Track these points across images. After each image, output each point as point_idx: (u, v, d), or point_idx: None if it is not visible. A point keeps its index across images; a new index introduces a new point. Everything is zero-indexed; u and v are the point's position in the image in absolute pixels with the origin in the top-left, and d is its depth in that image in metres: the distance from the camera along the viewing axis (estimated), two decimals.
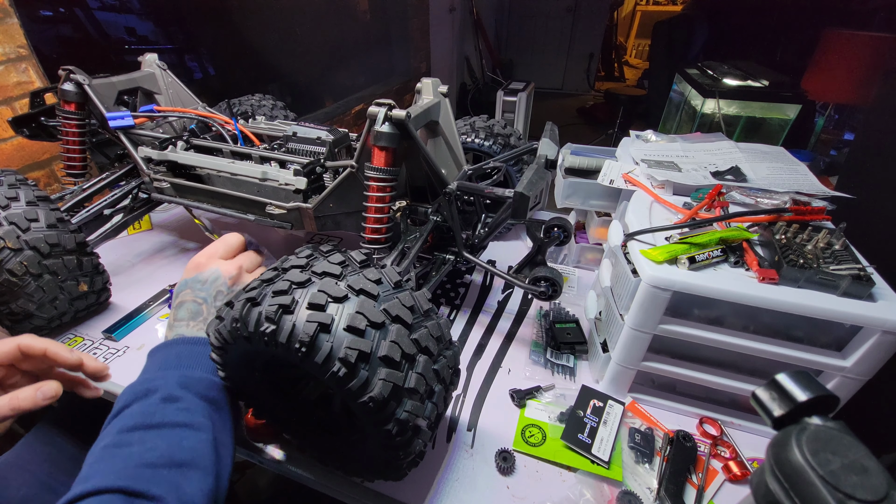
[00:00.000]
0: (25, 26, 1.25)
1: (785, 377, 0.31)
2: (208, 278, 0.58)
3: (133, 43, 1.78)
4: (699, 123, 2.37)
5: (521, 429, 0.74)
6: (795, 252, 0.64)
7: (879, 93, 1.22)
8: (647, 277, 0.64)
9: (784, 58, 2.72)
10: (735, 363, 0.73)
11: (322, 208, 0.87)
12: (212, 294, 0.58)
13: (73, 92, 0.99)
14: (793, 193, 0.76)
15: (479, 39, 4.49)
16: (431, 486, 0.67)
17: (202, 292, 0.57)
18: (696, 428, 0.74)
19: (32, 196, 0.82)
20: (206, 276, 0.58)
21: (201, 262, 0.60)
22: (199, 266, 0.59)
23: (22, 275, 0.77)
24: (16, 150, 1.27)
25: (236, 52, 2.26)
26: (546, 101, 5.37)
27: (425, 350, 0.52)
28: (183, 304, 0.57)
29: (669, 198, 0.81)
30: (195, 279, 0.58)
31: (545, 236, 0.83)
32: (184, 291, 0.58)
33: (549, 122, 0.91)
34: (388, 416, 0.48)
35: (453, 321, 0.99)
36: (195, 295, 0.57)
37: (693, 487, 0.66)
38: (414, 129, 0.76)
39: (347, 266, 0.54)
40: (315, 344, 0.46)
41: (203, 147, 1.01)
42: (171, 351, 0.53)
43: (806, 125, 2.36)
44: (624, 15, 6.46)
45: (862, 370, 0.62)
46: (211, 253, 0.61)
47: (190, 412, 0.47)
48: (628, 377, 0.77)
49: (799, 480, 0.26)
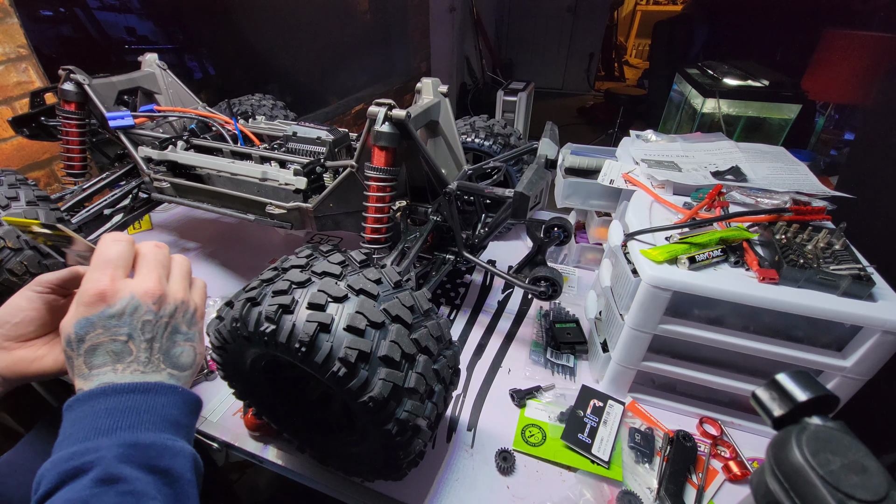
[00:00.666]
0: (25, 26, 1.25)
1: (785, 377, 0.31)
2: (125, 310, 0.43)
3: (133, 43, 1.78)
4: (699, 123, 2.37)
5: (521, 429, 0.74)
6: (795, 252, 0.64)
7: (879, 93, 1.22)
8: (648, 277, 0.64)
9: (784, 58, 2.72)
10: (735, 363, 0.73)
11: (322, 208, 0.87)
12: (136, 327, 0.43)
13: (73, 92, 0.99)
14: (793, 193, 0.76)
15: (479, 39, 4.49)
16: (431, 486, 0.67)
17: (121, 328, 0.43)
18: (696, 428, 0.74)
19: (32, 196, 0.82)
20: (118, 307, 0.43)
21: (105, 291, 0.43)
22: (105, 296, 0.43)
23: (22, 275, 0.77)
24: (16, 150, 1.27)
25: (236, 52, 2.26)
26: (546, 101, 5.37)
27: (425, 350, 0.52)
28: (97, 349, 0.42)
29: (669, 198, 0.81)
30: (103, 315, 0.42)
31: (545, 236, 0.83)
32: (90, 333, 0.42)
33: (549, 122, 0.91)
34: (388, 416, 0.48)
35: (453, 321, 0.99)
36: (111, 333, 0.42)
37: (693, 487, 0.66)
38: (414, 128, 0.76)
39: (347, 266, 0.55)
40: (315, 344, 0.46)
41: (203, 147, 1.01)
42: (100, 406, 0.39)
43: (806, 125, 2.36)
44: (624, 15, 6.46)
45: (862, 370, 0.62)
46: (110, 273, 0.44)
47: (136, 496, 0.36)
48: (628, 377, 0.77)
49: (799, 480, 0.26)
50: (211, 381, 0.83)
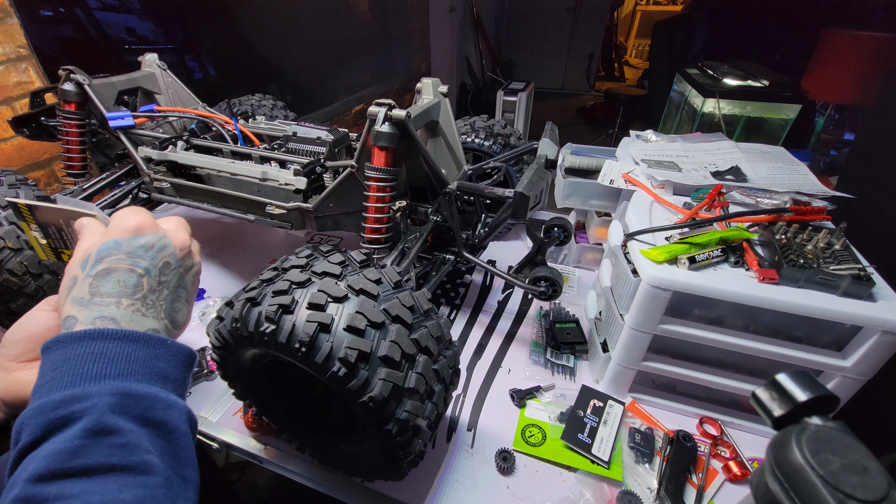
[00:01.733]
0: (25, 26, 1.25)
1: (785, 377, 0.31)
2: (154, 243, 0.43)
3: (133, 43, 1.78)
4: (699, 123, 2.37)
5: (521, 429, 0.74)
6: (795, 252, 0.64)
7: (879, 93, 1.22)
8: (648, 277, 0.64)
9: (784, 58, 2.72)
10: (735, 363, 0.73)
11: (322, 208, 0.87)
12: (157, 264, 0.43)
13: (73, 92, 0.99)
14: (793, 193, 0.76)
15: (479, 39, 4.49)
16: (431, 486, 0.67)
17: (143, 260, 0.42)
18: (696, 428, 0.74)
19: (33, 196, 0.82)
20: (150, 239, 0.43)
21: (143, 223, 0.44)
22: (141, 228, 0.43)
23: (22, 274, 0.77)
24: (16, 150, 1.27)
25: (236, 52, 2.26)
26: (546, 101, 5.37)
27: (425, 350, 0.52)
28: (110, 274, 0.40)
29: (669, 198, 0.81)
30: (133, 241, 0.42)
31: (545, 236, 0.83)
32: (112, 255, 0.41)
33: (549, 122, 0.91)
34: (388, 416, 0.48)
35: (453, 321, 0.99)
36: (132, 262, 0.41)
37: (693, 487, 0.66)
38: (414, 129, 0.76)
39: (347, 266, 0.55)
40: (315, 344, 0.46)
41: (203, 147, 1.01)
42: (85, 350, 0.36)
43: (806, 125, 2.36)
44: (624, 15, 6.45)
45: (862, 370, 0.62)
46: (147, 214, 0.46)
47: (130, 449, 0.33)
48: (628, 377, 0.77)
49: (799, 480, 0.26)
50: (211, 381, 0.83)
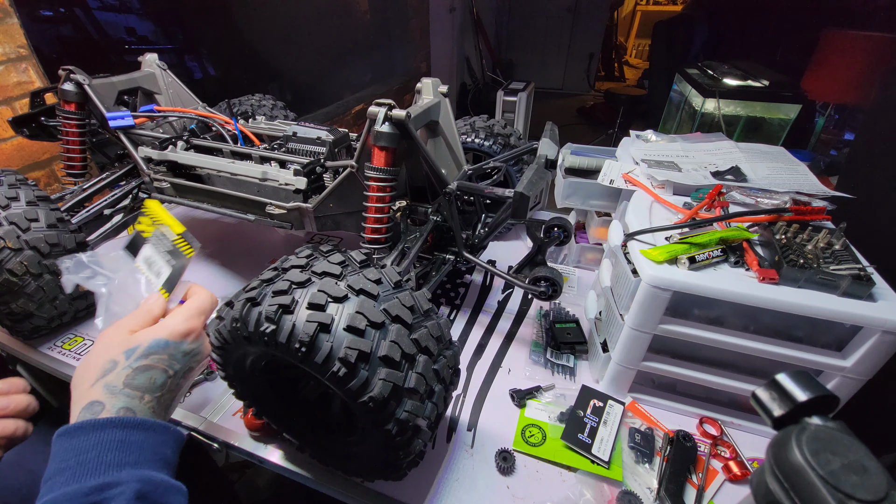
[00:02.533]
0: (25, 26, 1.25)
1: (785, 377, 0.31)
2: (192, 350, 0.49)
3: (133, 43, 1.78)
4: (699, 123, 2.37)
5: (521, 429, 0.74)
6: (795, 252, 0.64)
7: (879, 93, 1.22)
8: (647, 277, 0.64)
9: (784, 58, 2.72)
10: (735, 363, 0.73)
11: (322, 208, 0.87)
12: (185, 368, 0.49)
13: (73, 92, 0.99)
14: (793, 193, 0.76)
15: (479, 39, 4.48)
16: (431, 486, 0.67)
17: (178, 364, 0.48)
18: (696, 428, 0.74)
19: (32, 196, 0.82)
20: (190, 347, 0.49)
21: (194, 329, 0.50)
22: (189, 334, 0.49)
23: (22, 275, 0.77)
24: (16, 150, 1.27)
25: (236, 52, 2.26)
26: (546, 101, 5.36)
27: (425, 350, 0.52)
28: (148, 370, 0.46)
29: (669, 198, 0.81)
30: (179, 346, 0.48)
31: (545, 236, 0.83)
32: (157, 354, 0.47)
33: (549, 122, 0.91)
34: (388, 416, 0.48)
35: (453, 321, 0.99)
36: (168, 364, 0.47)
37: (693, 487, 0.66)
38: (414, 129, 0.76)
39: (347, 266, 0.55)
40: (315, 344, 0.46)
41: (203, 147, 1.01)
42: (109, 438, 0.40)
43: (806, 125, 2.36)
44: (624, 15, 6.45)
45: (862, 370, 0.62)
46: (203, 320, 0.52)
47: None
48: (628, 377, 0.77)
49: (799, 480, 0.26)
50: (211, 381, 0.83)
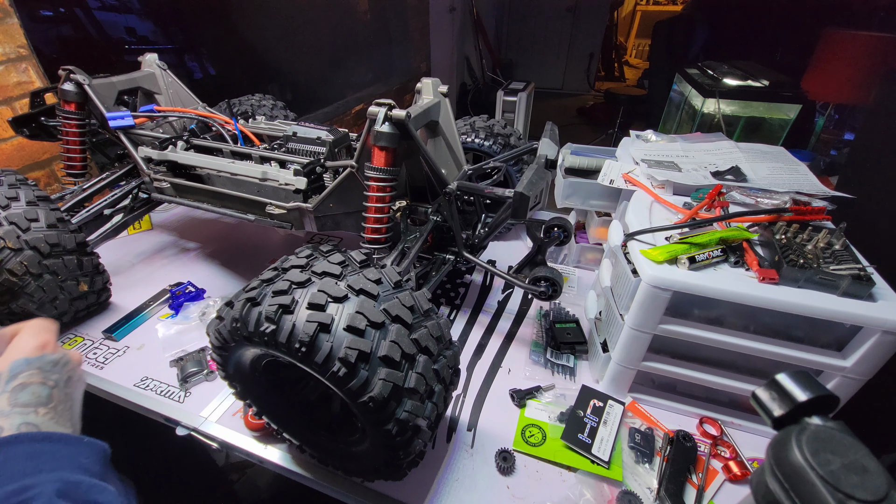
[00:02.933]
0: (25, 26, 1.25)
1: (785, 377, 0.31)
2: (59, 360, 0.51)
3: (133, 43, 1.78)
4: (699, 123, 2.37)
5: (521, 429, 0.74)
6: (795, 252, 0.64)
7: (879, 93, 1.22)
8: (648, 277, 0.64)
9: (784, 58, 2.72)
10: (735, 363, 0.73)
11: (322, 208, 0.87)
12: (63, 378, 0.51)
13: (73, 92, 0.99)
14: (793, 193, 0.76)
15: (479, 39, 4.48)
16: (431, 486, 0.67)
17: (54, 374, 0.50)
18: (696, 428, 0.74)
19: (32, 196, 0.82)
20: (57, 356, 0.51)
21: (48, 341, 0.52)
22: (46, 346, 0.52)
23: (22, 275, 0.77)
24: (16, 150, 1.27)
25: (236, 52, 2.26)
26: (546, 101, 5.37)
27: (425, 350, 0.52)
28: (26, 388, 0.47)
29: (669, 198, 0.81)
30: (42, 359, 0.50)
31: (545, 236, 0.83)
32: (26, 373, 0.48)
33: (549, 122, 0.91)
34: (388, 416, 0.48)
35: (453, 321, 0.99)
36: (45, 376, 0.49)
37: (693, 487, 0.66)
38: (414, 129, 0.76)
39: (347, 266, 0.55)
40: (315, 344, 0.46)
41: (203, 147, 1.01)
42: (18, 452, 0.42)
43: (806, 125, 2.36)
44: (624, 15, 6.45)
45: (862, 370, 0.62)
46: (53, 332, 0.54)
47: None
48: (628, 377, 0.77)
49: (799, 480, 0.26)
50: (211, 381, 0.83)
